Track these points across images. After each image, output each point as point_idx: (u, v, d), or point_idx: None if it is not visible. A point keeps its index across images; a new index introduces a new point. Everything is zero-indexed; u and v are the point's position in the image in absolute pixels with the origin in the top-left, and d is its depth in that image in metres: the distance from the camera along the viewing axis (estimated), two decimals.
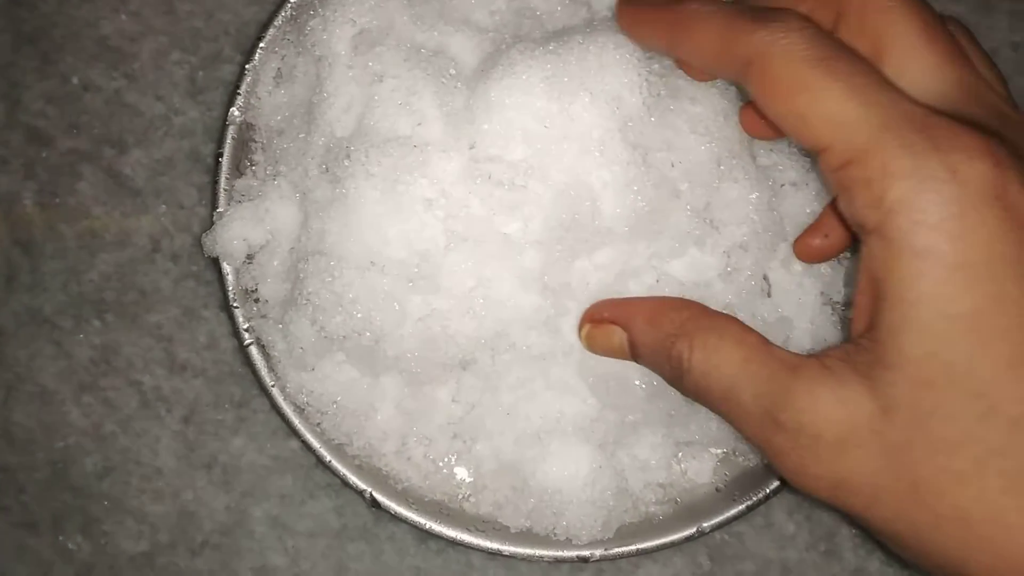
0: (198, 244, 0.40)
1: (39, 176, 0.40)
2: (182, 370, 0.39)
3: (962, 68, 0.28)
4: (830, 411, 0.26)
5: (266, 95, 0.37)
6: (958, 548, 0.25)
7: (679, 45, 0.30)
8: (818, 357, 0.27)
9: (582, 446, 0.35)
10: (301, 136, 0.35)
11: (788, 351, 0.28)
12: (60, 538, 0.39)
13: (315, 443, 0.36)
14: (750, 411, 0.28)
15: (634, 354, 0.32)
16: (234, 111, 0.37)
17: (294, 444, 0.39)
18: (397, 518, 0.36)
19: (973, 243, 0.24)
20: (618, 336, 0.32)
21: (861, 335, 0.26)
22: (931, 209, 0.24)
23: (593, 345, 0.33)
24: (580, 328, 0.34)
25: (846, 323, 0.37)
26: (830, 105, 0.25)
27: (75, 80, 0.40)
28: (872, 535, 0.28)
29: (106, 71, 0.40)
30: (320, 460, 0.36)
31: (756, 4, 0.30)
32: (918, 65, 0.27)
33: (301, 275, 0.34)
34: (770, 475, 0.37)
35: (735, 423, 0.28)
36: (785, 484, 0.36)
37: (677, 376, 0.30)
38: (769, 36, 0.26)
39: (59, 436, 0.39)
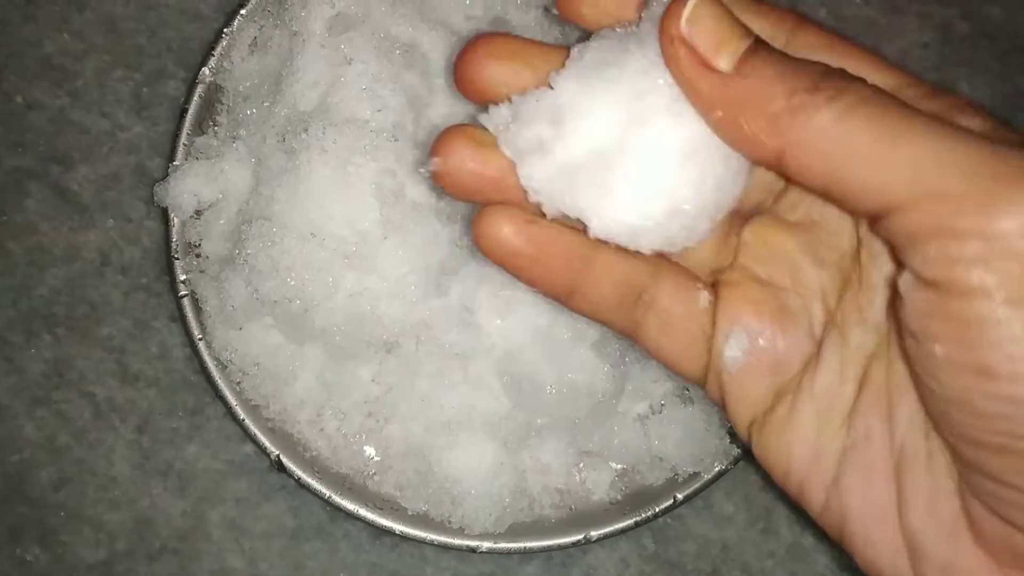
0: (147, 256, 0.41)
1: None
2: (135, 380, 0.40)
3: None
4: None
5: (239, 60, 0.39)
6: None
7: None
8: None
9: (488, 442, 0.37)
10: (265, 104, 0.37)
11: None
12: (17, 551, 0.39)
13: (232, 400, 0.37)
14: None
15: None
16: (205, 71, 0.39)
17: (248, 449, 0.40)
18: (300, 485, 0.37)
19: None
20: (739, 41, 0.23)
21: None
22: (1007, 243, 0.20)
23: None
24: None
25: None
26: (883, 152, 0.20)
27: (19, 99, 0.41)
28: None
29: (50, 89, 0.41)
30: (234, 417, 0.37)
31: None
32: None
33: (243, 236, 0.35)
34: (664, 493, 0.38)
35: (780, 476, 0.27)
36: (682, 502, 0.38)
37: None
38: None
39: (13, 450, 0.40)
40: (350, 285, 0.35)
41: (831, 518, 0.27)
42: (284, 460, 0.37)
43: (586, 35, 0.24)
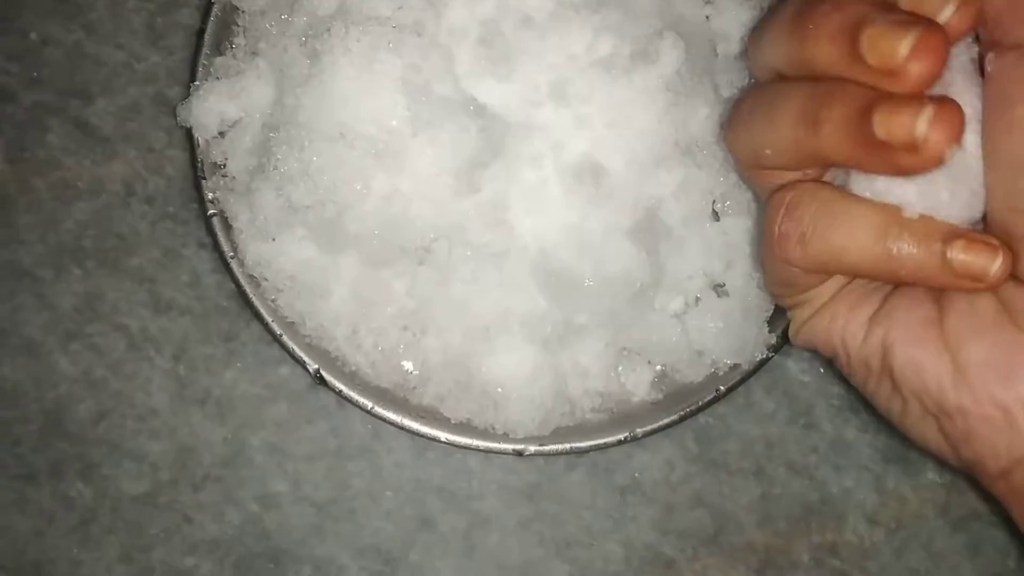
0: (172, 186, 0.41)
1: (6, 132, 0.40)
2: (168, 310, 0.40)
3: None
4: None
5: None
6: None
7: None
8: None
9: (527, 345, 0.37)
10: (283, 17, 0.37)
11: None
12: (60, 486, 0.39)
13: (268, 317, 0.37)
14: None
15: None
16: None
17: (285, 371, 0.40)
18: (342, 398, 0.37)
19: None
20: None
21: None
22: None
23: None
24: None
25: None
26: None
27: (33, 36, 0.41)
28: None
29: (64, 24, 0.41)
30: (272, 334, 0.37)
31: None
32: None
33: (271, 144, 0.35)
34: (706, 388, 0.38)
35: None
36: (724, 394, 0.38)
37: None
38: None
39: (49, 386, 0.39)
40: (381, 186, 0.35)
41: (870, 349, 0.27)
42: (324, 374, 0.37)
43: None
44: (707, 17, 0.39)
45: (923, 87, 0.25)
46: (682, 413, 0.38)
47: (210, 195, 0.37)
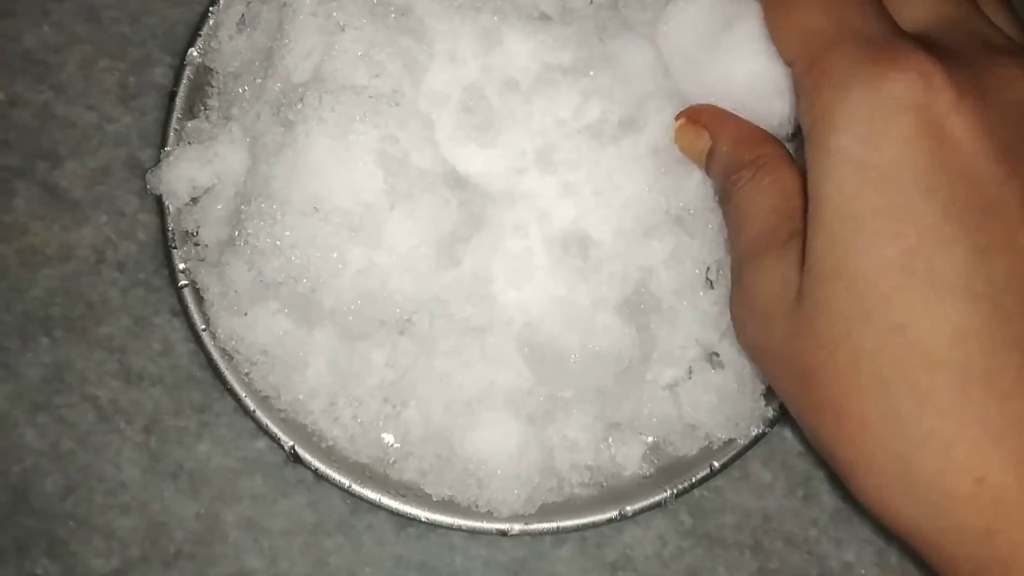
0: (144, 251, 0.39)
1: None
2: (139, 380, 0.39)
3: (956, 4, 0.29)
4: (771, 288, 0.29)
5: (227, 40, 0.37)
6: (830, 440, 0.27)
7: None
8: (802, 238, 0.28)
9: (512, 419, 0.35)
10: (258, 81, 0.35)
11: (795, 227, 0.30)
12: (26, 564, 0.37)
13: (241, 392, 0.35)
14: (744, 248, 0.31)
15: (707, 163, 0.34)
16: (193, 52, 0.37)
17: (261, 444, 0.38)
18: (318, 476, 0.36)
19: (879, 147, 0.25)
20: (703, 141, 0.34)
21: None
22: (847, 114, 0.26)
23: (680, 138, 0.34)
24: (676, 118, 0.35)
25: None
26: (802, 19, 0.28)
27: (1, 96, 0.39)
28: None
29: (32, 84, 0.40)
30: (245, 410, 0.36)
31: None
32: None
33: (243, 217, 0.33)
34: (700, 463, 0.37)
35: (732, 248, 0.33)
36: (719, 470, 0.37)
37: (726, 197, 0.33)
38: None
39: (15, 459, 0.38)
40: (358, 260, 0.33)
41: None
42: (300, 451, 0.35)
43: None
44: None
45: None
46: (674, 491, 0.36)
47: (181, 265, 0.36)
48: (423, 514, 0.36)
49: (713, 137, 0.33)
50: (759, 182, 0.31)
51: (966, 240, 0.24)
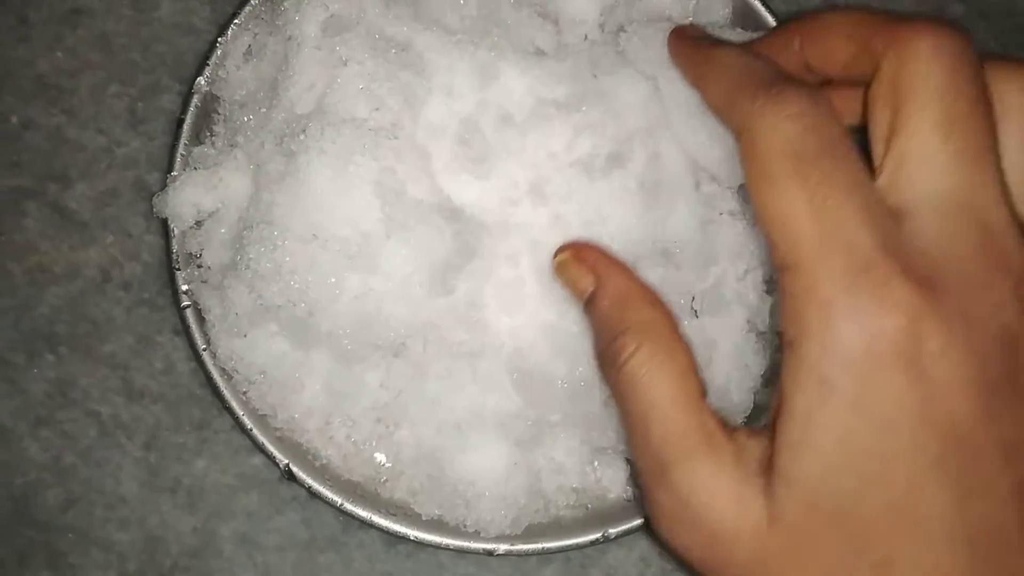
0: (149, 271, 0.40)
1: None
2: (140, 396, 0.40)
3: (971, 172, 0.25)
4: (723, 505, 0.26)
5: (234, 69, 0.39)
6: None
7: (699, 87, 0.32)
8: (735, 440, 0.27)
9: (501, 442, 0.36)
10: (262, 111, 0.36)
11: (716, 416, 0.28)
12: (26, 575, 0.38)
13: (239, 410, 0.36)
14: (650, 446, 0.27)
15: (587, 307, 0.32)
16: (201, 80, 0.38)
17: (257, 461, 0.40)
18: (311, 494, 0.37)
19: (874, 396, 0.25)
20: (585, 283, 0.32)
21: (771, 430, 0.27)
22: (839, 350, 0.24)
23: (561, 273, 0.33)
24: (558, 252, 0.34)
25: (769, 349, 0.39)
26: (784, 208, 0.25)
27: (14, 119, 0.41)
28: None
29: (45, 108, 0.41)
30: (242, 428, 0.37)
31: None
32: (922, 162, 0.26)
33: (245, 242, 0.34)
34: None
35: (630, 442, 0.29)
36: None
37: (607, 361, 0.29)
38: (763, 110, 0.26)
39: (18, 472, 0.39)
40: (354, 286, 0.34)
41: None
42: (294, 469, 0.37)
43: None
44: None
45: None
46: None
47: (184, 286, 0.37)
48: (412, 532, 0.37)
49: (596, 284, 0.31)
50: (652, 358, 0.28)
51: (951, 489, 0.25)
